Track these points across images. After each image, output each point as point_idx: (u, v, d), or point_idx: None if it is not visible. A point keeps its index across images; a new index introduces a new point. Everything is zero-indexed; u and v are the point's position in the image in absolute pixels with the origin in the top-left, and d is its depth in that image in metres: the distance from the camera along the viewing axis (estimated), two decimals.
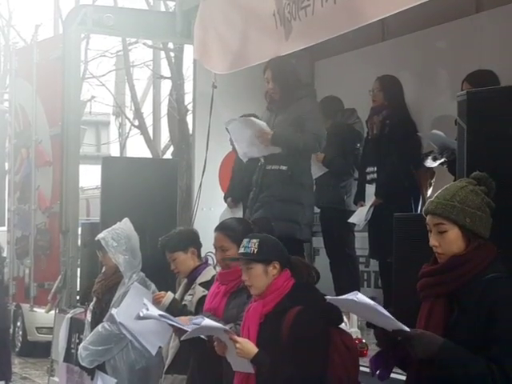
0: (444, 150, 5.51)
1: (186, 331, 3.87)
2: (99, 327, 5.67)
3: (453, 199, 3.10)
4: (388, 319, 3.04)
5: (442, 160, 5.59)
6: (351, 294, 3.07)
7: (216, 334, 3.85)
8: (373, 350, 4.03)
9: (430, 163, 5.77)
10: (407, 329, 3.01)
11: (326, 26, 5.33)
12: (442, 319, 3.06)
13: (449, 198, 3.11)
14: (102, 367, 5.75)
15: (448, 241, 3.10)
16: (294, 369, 3.60)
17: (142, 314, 4.10)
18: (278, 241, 3.94)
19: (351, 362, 3.73)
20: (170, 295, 4.78)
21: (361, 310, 3.16)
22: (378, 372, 3.18)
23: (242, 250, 3.86)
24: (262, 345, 3.70)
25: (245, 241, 3.87)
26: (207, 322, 3.77)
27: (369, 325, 3.19)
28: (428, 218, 3.16)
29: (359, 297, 3.04)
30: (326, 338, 3.68)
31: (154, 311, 4.15)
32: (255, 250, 3.80)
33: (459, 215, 3.07)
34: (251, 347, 3.68)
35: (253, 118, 5.82)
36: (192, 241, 5.04)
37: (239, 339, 3.71)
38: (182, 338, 4.07)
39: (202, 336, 4.05)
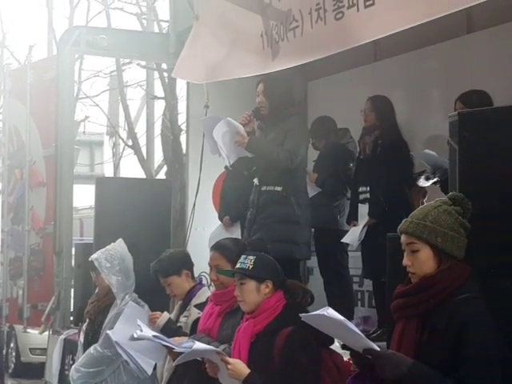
0: (436, 170, 5.53)
1: (180, 353, 3.86)
2: (91, 349, 5.64)
3: (425, 219, 3.11)
4: (358, 337, 3.01)
5: (435, 179, 5.61)
6: (322, 309, 3.05)
7: (208, 356, 3.85)
8: None
9: (422, 183, 5.79)
10: (377, 348, 2.99)
11: (315, 46, 5.29)
12: (414, 340, 3.04)
13: (421, 217, 3.12)
14: None
15: (420, 260, 3.10)
16: None
17: (136, 336, 4.11)
18: (274, 261, 3.97)
19: (341, 383, 3.73)
20: (165, 315, 4.76)
21: (332, 327, 3.11)
22: None
23: (237, 265, 3.92)
24: (253, 364, 3.70)
25: (242, 257, 3.94)
26: (198, 345, 3.77)
27: (344, 347, 3.13)
28: (402, 237, 3.17)
29: (330, 312, 3.01)
30: (317, 359, 3.69)
31: (148, 332, 4.15)
32: (250, 267, 3.86)
33: (430, 235, 3.07)
34: (243, 368, 3.68)
35: (231, 119, 5.66)
36: (184, 263, 5.00)
37: (231, 360, 3.71)
38: (174, 363, 4.07)
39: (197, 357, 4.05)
